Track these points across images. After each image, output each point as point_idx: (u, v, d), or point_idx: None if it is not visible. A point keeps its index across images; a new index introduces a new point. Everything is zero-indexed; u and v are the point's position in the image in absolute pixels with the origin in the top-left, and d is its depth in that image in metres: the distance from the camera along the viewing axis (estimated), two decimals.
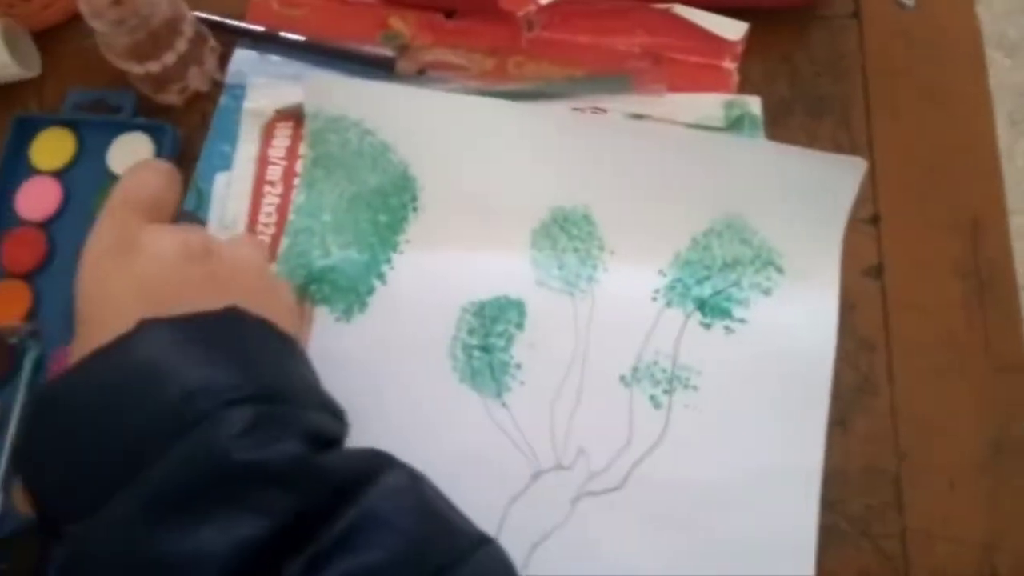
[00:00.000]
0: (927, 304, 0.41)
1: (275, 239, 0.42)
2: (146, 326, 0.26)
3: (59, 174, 0.45)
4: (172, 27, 0.42)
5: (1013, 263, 0.42)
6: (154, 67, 0.42)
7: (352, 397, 0.39)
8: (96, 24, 0.40)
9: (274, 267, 0.41)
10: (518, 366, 0.39)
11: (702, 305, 0.39)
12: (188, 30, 0.43)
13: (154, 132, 0.44)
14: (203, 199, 0.44)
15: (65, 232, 0.44)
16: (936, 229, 0.42)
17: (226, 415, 0.24)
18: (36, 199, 0.44)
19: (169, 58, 0.42)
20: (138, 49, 0.41)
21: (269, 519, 0.23)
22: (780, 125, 0.43)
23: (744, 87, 0.44)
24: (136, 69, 0.42)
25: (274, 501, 0.24)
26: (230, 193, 0.43)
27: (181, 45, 0.42)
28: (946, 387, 0.39)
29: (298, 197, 0.43)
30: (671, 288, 0.40)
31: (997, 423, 0.39)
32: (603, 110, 0.43)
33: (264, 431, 0.24)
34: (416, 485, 0.27)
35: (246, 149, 0.44)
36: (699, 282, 0.40)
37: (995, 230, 0.42)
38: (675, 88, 0.43)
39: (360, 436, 0.39)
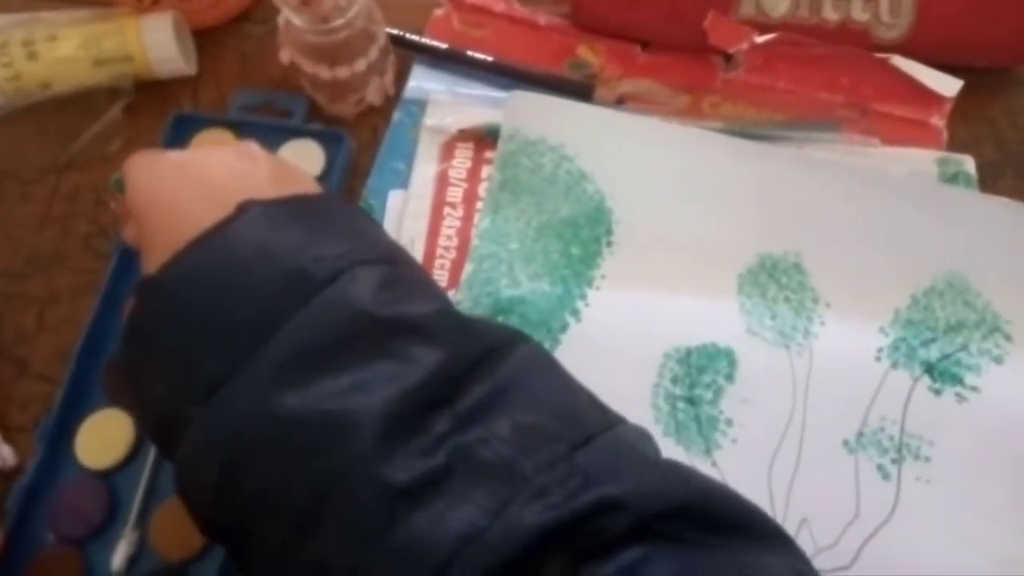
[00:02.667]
0: None
1: (456, 264, 0.39)
2: (248, 208, 0.24)
3: None
4: (368, 33, 0.39)
5: None
6: (343, 72, 0.39)
7: None
8: (296, 20, 0.37)
9: (457, 293, 0.38)
10: (728, 422, 0.36)
11: (930, 369, 0.36)
12: (381, 37, 0.40)
13: (327, 140, 0.41)
14: (373, 215, 0.40)
15: None
16: None
17: (360, 273, 0.23)
18: None
19: (360, 65, 0.39)
20: (333, 51, 0.38)
21: (420, 371, 0.22)
22: (990, 188, 0.41)
23: (950, 148, 0.42)
24: (325, 73, 0.39)
25: (423, 354, 0.22)
26: (407, 212, 0.40)
27: (373, 53, 0.40)
28: None
29: (482, 222, 0.39)
30: (895, 348, 0.37)
31: None
32: (810, 157, 0.41)
33: (399, 289, 0.24)
34: (555, 360, 0.26)
35: (424, 168, 0.41)
36: (924, 344, 0.37)
37: None
38: (885, 141, 0.41)
39: None
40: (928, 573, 0.33)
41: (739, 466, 0.35)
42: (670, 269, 0.38)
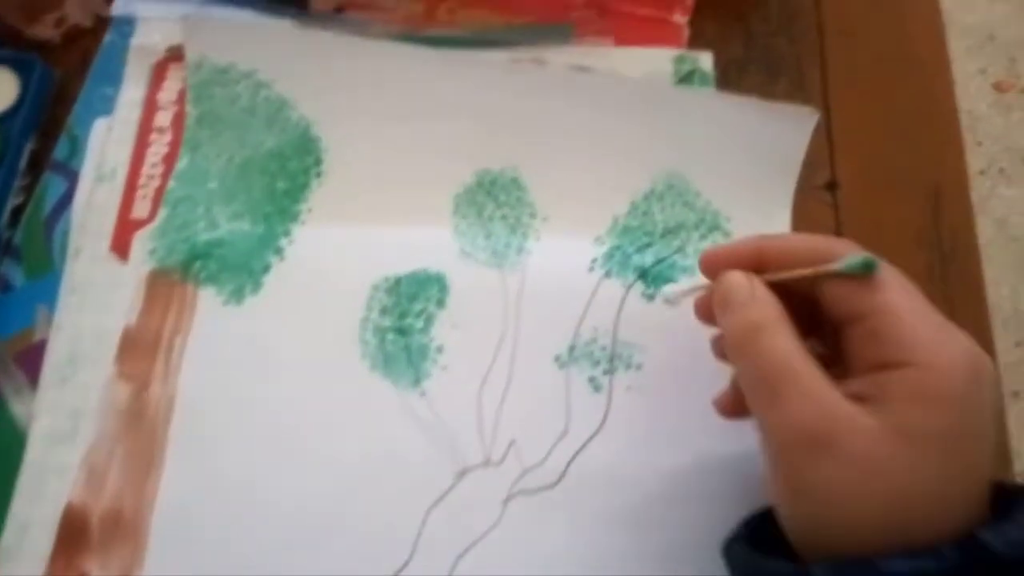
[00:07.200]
0: None
1: (159, 192, 0.36)
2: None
3: None
4: None
5: (975, 232, 0.39)
6: None
7: (244, 391, 0.33)
8: None
9: (149, 241, 0.35)
10: (439, 349, 0.34)
11: (644, 274, 0.35)
12: None
13: (20, 67, 0.38)
14: (77, 147, 0.37)
15: None
16: (897, 197, 0.38)
17: None
18: None
19: None
20: None
21: None
22: (733, 86, 0.39)
23: (696, 45, 0.40)
24: None
25: None
26: (110, 139, 0.37)
27: None
28: None
29: (180, 162, 0.36)
30: (609, 257, 0.35)
31: None
32: (543, 63, 0.39)
33: None
34: None
35: (131, 91, 0.38)
36: (640, 250, 0.35)
37: (957, 198, 0.39)
38: (622, 41, 0.39)
39: (256, 436, 0.33)
40: (633, 477, 0.32)
41: (448, 393, 0.34)
42: (382, 196, 0.36)
